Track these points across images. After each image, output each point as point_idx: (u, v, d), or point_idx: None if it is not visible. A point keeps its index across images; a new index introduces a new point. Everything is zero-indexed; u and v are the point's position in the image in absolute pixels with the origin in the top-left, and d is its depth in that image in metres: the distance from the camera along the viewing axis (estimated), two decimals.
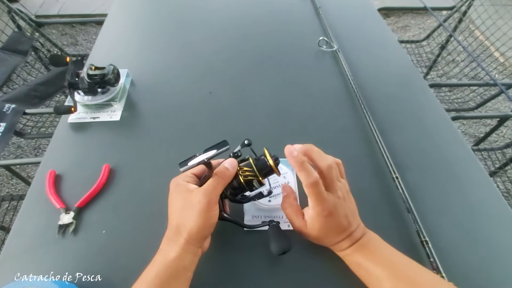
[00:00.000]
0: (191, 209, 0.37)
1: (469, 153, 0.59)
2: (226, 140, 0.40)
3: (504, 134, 1.72)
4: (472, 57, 1.01)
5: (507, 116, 1.04)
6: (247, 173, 0.41)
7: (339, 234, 0.40)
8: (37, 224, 0.49)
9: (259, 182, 0.41)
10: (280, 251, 0.41)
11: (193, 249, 0.38)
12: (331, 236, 0.40)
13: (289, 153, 0.40)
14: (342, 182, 0.42)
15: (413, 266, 0.38)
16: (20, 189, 1.48)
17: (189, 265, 0.37)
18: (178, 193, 0.40)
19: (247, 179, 0.41)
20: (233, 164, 0.40)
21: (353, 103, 0.67)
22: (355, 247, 0.39)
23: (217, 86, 0.71)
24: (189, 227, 0.37)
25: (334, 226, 0.39)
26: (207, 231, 0.39)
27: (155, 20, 0.95)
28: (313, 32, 0.86)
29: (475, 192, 0.53)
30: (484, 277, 0.44)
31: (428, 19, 2.50)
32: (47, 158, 0.58)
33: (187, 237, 0.37)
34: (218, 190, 0.39)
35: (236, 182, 0.41)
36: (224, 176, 0.39)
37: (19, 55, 1.18)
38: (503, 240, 0.47)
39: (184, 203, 0.39)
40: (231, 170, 0.40)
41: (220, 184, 0.39)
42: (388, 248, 0.40)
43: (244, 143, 0.42)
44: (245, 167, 0.41)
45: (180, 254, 0.36)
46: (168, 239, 0.39)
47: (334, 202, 0.39)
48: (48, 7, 2.50)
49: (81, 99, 0.64)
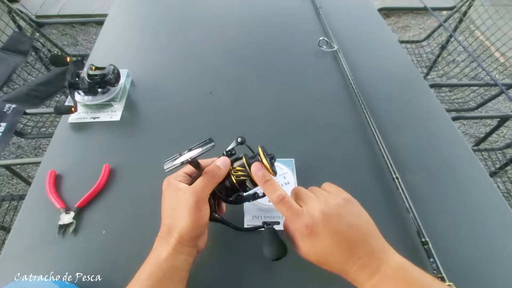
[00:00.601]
0: (181, 209, 0.37)
1: (469, 153, 0.59)
2: (212, 138, 0.38)
3: (505, 135, 1.72)
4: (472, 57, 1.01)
5: (508, 116, 1.04)
6: (240, 173, 0.39)
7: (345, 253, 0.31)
8: (37, 224, 0.49)
9: (253, 183, 0.39)
10: (274, 257, 0.38)
11: (186, 249, 0.37)
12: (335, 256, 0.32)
13: (257, 170, 0.37)
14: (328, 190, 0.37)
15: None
16: (21, 189, 1.48)
17: (182, 265, 0.37)
18: (169, 192, 0.39)
19: (239, 179, 0.39)
20: (225, 163, 0.39)
21: (353, 103, 0.67)
22: (379, 279, 0.30)
23: (217, 86, 0.71)
24: (180, 226, 0.36)
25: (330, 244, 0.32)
26: (197, 231, 0.37)
27: (155, 20, 0.95)
28: (313, 32, 0.86)
29: (476, 192, 0.53)
30: (485, 277, 0.44)
31: (429, 19, 2.50)
32: (47, 158, 0.58)
33: (178, 237, 0.36)
34: (207, 189, 0.38)
35: (229, 182, 0.40)
36: (214, 175, 0.38)
37: (20, 55, 1.18)
38: (503, 240, 0.47)
39: (174, 202, 0.38)
40: (222, 169, 0.38)
41: (210, 182, 0.38)
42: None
43: (237, 140, 0.40)
44: (238, 166, 0.40)
45: (172, 254, 0.36)
46: (161, 238, 0.38)
47: (312, 210, 0.33)
48: (49, 7, 2.50)
49: (82, 99, 0.64)
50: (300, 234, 0.33)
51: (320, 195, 0.35)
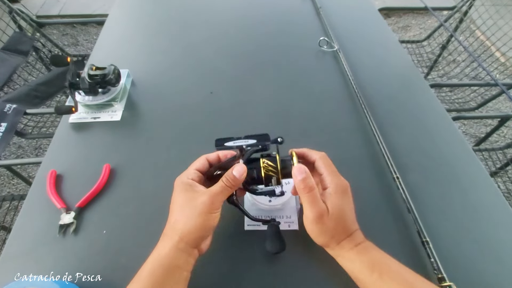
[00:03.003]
0: (192, 208, 0.37)
1: (470, 153, 0.59)
2: (268, 135, 0.42)
3: (505, 134, 1.71)
4: (473, 57, 1.01)
5: (508, 116, 1.04)
6: (270, 168, 0.41)
7: (347, 228, 0.39)
8: (38, 224, 0.49)
9: (277, 180, 0.41)
10: (275, 250, 0.43)
11: (188, 249, 0.37)
12: (342, 227, 0.39)
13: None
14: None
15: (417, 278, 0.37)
16: (21, 189, 1.49)
17: (183, 265, 0.37)
18: (182, 191, 0.39)
19: (268, 174, 0.41)
20: (241, 171, 0.40)
21: (353, 103, 0.67)
22: (358, 250, 0.38)
23: (218, 86, 0.71)
24: (186, 225, 0.37)
25: (348, 210, 0.40)
26: (203, 233, 0.38)
27: (155, 20, 0.95)
28: (314, 32, 0.86)
29: (476, 192, 0.53)
30: (485, 277, 0.44)
31: (429, 19, 2.50)
32: (48, 158, 0.58)
33: (181, 234, 0.37)
34: (223, 196, 0.39)
35: (256, 173, 0.42)
36: (233, 185, 0.39)
37: (20, 55, 1.18)
38: (504, 240, 0.47)
39: (186, 201, 0.38)
40: (238, 178, 0.39)
41: (226, 190, 0.39)
42: (392, 260, 0.38)
43: (276, 139, 0.43)
44: (270, 162, 0.42)
45: (173, 251, 0.36)
46: (164, 234, 0.39)
47: (346, 181, 0.41)
48: (49, 8, 2.50)
49: (82, 99, 0.64)
50: (335, 191, 0.40)
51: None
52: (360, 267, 0.38)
